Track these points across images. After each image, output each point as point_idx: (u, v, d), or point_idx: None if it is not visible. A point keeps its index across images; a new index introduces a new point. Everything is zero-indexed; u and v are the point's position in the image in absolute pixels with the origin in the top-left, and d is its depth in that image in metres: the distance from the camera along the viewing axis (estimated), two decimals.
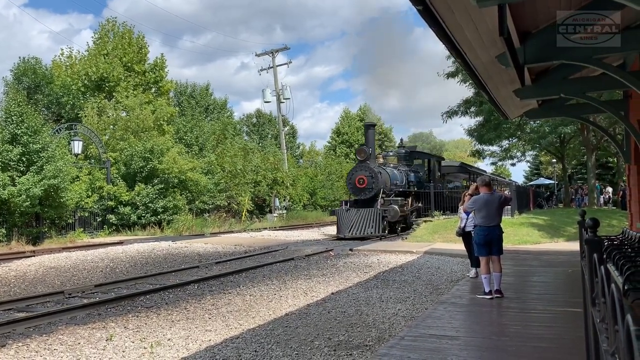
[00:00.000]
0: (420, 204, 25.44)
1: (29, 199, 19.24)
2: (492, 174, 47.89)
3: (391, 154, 27.48)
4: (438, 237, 17.71)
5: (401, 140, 30.31)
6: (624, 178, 32.13)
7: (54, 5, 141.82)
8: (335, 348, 5.57)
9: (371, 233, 19.96)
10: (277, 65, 40.87)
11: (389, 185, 22.00)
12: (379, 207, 20.47)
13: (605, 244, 3.28)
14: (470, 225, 9.13)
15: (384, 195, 21.18)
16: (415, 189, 25.33)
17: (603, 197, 34.88)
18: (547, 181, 55.50)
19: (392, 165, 24.90)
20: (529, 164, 63.97)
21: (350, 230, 20.27)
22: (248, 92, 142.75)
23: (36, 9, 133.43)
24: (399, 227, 22.14)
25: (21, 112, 20.16)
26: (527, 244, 15.99)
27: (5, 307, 8.28)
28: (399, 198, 21.71)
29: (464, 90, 30.82)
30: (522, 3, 5.55)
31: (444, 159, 33.53)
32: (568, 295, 7.84)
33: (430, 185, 26.29)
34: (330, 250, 15.76)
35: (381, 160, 24.42)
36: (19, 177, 19.56)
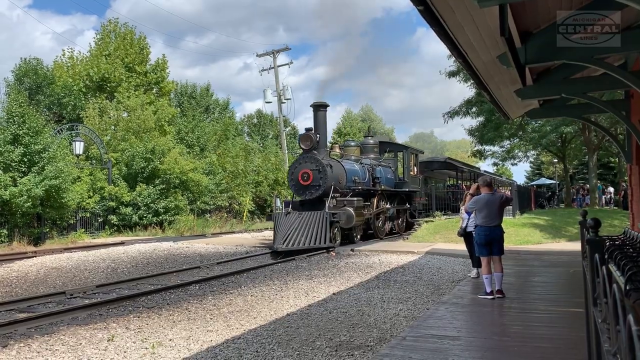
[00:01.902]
0: (390, 206, 21.28)
1: (30, 200, 19.26)
2: (485, 172, 47.01)
3: (352, 144, 22.43)
4: (439, 237, 17.70)
5: (368, 128, 25.76)
6: (625, 178, 32.10)
7: (58, 6, 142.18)
8: (336, 348, 5.57)
9: (314, 244, 15.42)
10: (279, 66, 40.86)
11: (344, 182, 17.98)
12: (327, 209, 16.28)
13: (607, 244, 3.28)
14: (472, 225, 9.13)
15: (336, 195, 17.11)
16: (384, 187, 20.85)
17: (605, 197, 34.84)
18: (549, 181, 55.47)
19: (353, 157, 20.67)
20: (530, 164, 63.94)
21: (286, 241, 15.35)
22: (250, 93, 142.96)
23: (40, 10, 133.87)
24: (357, 234, 18.27)
25: (23, 113, 20.18)
26: (528, 244, 15.97)
27: (7, 308, 8.29)
28: (355, 199, 17.34)
29: (466, 91, 30.87)
30: (523, 3, 5.55)
31: (422, 152, 29.59)
32: (570, 295, 7.84)
33: (404, 183, 22.75)
34: (332, 250, 15.76)
35: (337, 151, 20.53)
36: (21, 177, 19.58)
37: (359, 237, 18.37)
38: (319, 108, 18.43)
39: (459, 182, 36.39)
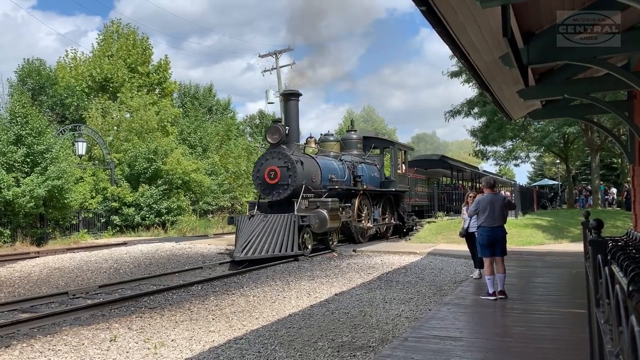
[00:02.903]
0: (375, 208, 19.41)
1: (33, 200, 19.30)
2: (484, 171, 46.41)
3: (331, 138, 20.34)
4: (441, 238, 17.69)
5: (352, 122, 23.17)
6: (628, 179, 32.06)
7: (62, 7, 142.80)
8: (338, 349, 5.56)
9: (280, 252, 13.54)
10: (281, 67, 40.88)
11: (318, 181, 16.17)
12: (296, 212, 14.44)
13: (610, 245, 3.28)
14: (474, 226, 9.13)
15: (309, 195, 15.34)
16: (367, 186, 18.84)
17: (607, 198, 34.78)
18: (551, 182, 55.38)
19: (332, 153, 19.02)
20: (532, 165, 63.86)
21: (246, 248, 13.36)
22: (253, 94, 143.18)
23: (44, 11, 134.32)
24: (333, 240, 16.23)
25: (26, 114, 20.23)
26: (531, 245, 15.96)
27: (10, 308, 8.31)
28: (330, 200, 15.36)
29: (469, 91, 30.84)
30: (526, 3, 5.55)
31: (412, 149, 27.69)
32: (572, 296, 7.83)
33: (391, 182, 20.72)
34: (334, 251, 15.76)
35: (313, 146, 18.75)
36: (24, 178, 19.63)
37: (335, 242, 16.37)
38: (290, 97, 16.60)
39: (456, 182, 34.98)
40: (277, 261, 13.22)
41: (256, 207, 15.54)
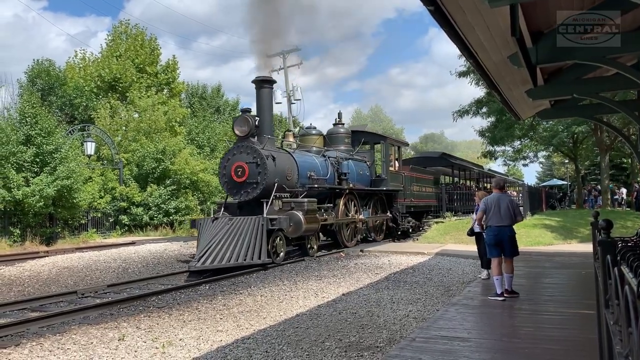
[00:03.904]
0: (364, 208, 17.90)
1: (42, 200, 19.45)
2: (489, 170, 45.72)
3: (314, 132, 18.61)
4: (449, 238, 17.63)
5: (339, 115, 20.26)
6: (638, 179, 31.85)
7: (72, 8, 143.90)
8: (346, 349, 5.56)
9: (245, 260, 11.72)
10: (288, 67, 40.88)
11: (294, 179, 14.62)
12: (265, 214, 12.70)
13: (619, 245, 3.25)
14: (478, 226, 9.14)
15: (283, 195, 13.81)
16: (354, 185, 17.24)
17: (617, 198, 34.53)
18: (560, 182, 55.10)
19: (314, 149, 17.46)
20: (541, 165, 63.56)
21: (204, 256, 11.41)
22: None
23: (54, 12, 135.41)
24: (312, 244, 14.49)
25: (35, 114, 20.40)
26: (539, 245, 15.88)
27: (20, 307, 8.37)
28: (306, 200, 13.65)
29: (477, 92, 30.72)
30: (534, 3, 5.52)
31: (407, 145, 26.11)
32: (581, 297, 7.78)
33: (383, 181, 19.18)
34: (341, 251, 15.74)
35: (291, 140, 17.08)
36: (33, 177, 19.78)
37: (315, 247, 14.66)
38: (263, 84, 14.49)
39: (458, 181, 33.82)
40: (248, 269, 11.72)
41: (222, 209, 13.96)
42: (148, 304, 8.47)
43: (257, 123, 13.74)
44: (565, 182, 54.00)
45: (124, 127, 29.62)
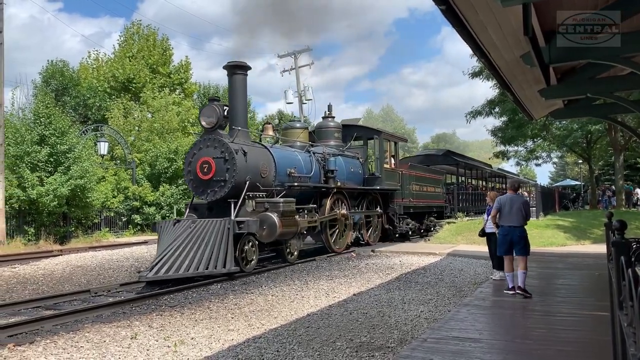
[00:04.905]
0: (355, 209, 16.41)
1: (56, 199, 19.67)
2: (499, 169, 44.89)
3: (297, 125, 16.94)
4: (461, 239, 17.54)
5: (329, 107, 18.64)
6: None
7: (87, 9, 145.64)
8: (357, 349, 5.56)
9: (207, 269, 10.12)
10: (300, 67, 40.94)
11: (271, 177, 13.02)
12: (232, 215, 11.22)
13: (633, 246, 3.22)
14: (490, 226, 9.17)
15: (261, 195, 12.36)
16: (342, 183, 15.64)
17: (633, 199, 34.17)
18: (573, 182, 54.63)
19: (298, 143, 15.71)
20: (554, 165, 63.05)
21: (158, 265, 9.82)
22: (273, 94, 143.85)
23: (69, 14, 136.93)
24: (292, 250, 13.02)
25: (49, 114, 20.63)
26: (552, 246, 15.76)
27: (34, 305, 8.46)
28: (281, 200, 12.16)
29: (490, 91, 30.52)
30: (547, 1, 5.48)
31: (405, 141, 24.14)
32: (594, 298, 7.71)
33: (377, 179, 17.67)
34: (352, 250, 15.72)
35: (270, 133, 15.54)
36: (47, 177, 20.00)
37: (295, 253, 13.15)
38: (235, 70, 12.93)
39: (465, 180, 32.80)
40: (212, 279, 10.38)
41: (188, 210, 12.61)
42: (160, 303, 8.52)
43: (225, 113, 12.21)
44: (579, 183, 53.52)
45: (137, 127, 29.85)
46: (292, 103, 41.82)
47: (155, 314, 7.62)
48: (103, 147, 25.80)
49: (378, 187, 17.55)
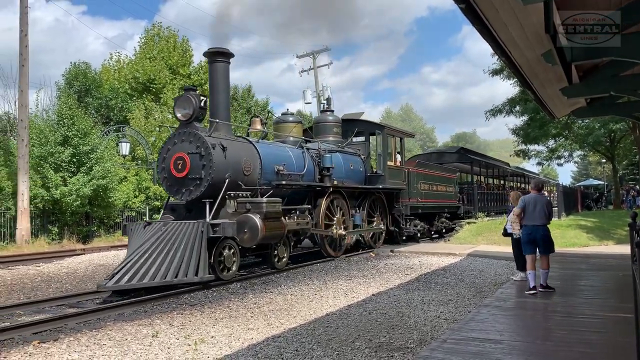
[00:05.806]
0: (359, 210, 15.46)
1: (79, 199, 20.00)
2: (517, 168, 44.02)
3: (290, 119, 15.51)
4: (482, 239, 17.39)
5: (328, 100, 18.04)
6: None
7: (110, 12, 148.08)
8: (376, 349, 5.55)
9: (176, 278, 9.10)
10: (318, 67, 40.97)
11: (256, 174, 11.90)
12: (207, 217, 10.09)
13: None
14: (510, 227, 9.13)
15: (244, 195, 11.25)
16: (340, 182, 14.51)
17: None
18: (596, 182, 53.76)
19: (291, 139, 14.53)
20: (577, 164, 62.12)
21: (121, 271, 8.80)
22: (292, 94, 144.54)
23: (93, 16, 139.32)
24: (280, 255, 11.98)
25: (72, 115, 20.98)
26: (574, 246, 15.53)
27: (58, 303, 8.61)
28: (264, 200, 10.72)
29: (511, 90, 30.17)
30: None
31: (412, 136, 22.90)
32: (618, 300, 7.59)
33: (380, 177, 16.48)
34: (372, 250, 15.68)
35: (259, 127, 14.07)
36: (70, 177, 20.34)
37: (284, 259, 12.12)
38: (216, 57, 11.75)
39: (479, 179, 30.78)
40: (185, 287, 9.37)
41: (163, 211, 11.73)
42: (181, 302, 8.61)
43: (202, 104, 11.00)
44: (602, 182, 52.64)
45: (157, 128, 30.16)
46: (310, 103, 41.89)
47: (175, 313, 7.70)
48: (125, 148, 26.14)
49: (381, 186, 16.36)
